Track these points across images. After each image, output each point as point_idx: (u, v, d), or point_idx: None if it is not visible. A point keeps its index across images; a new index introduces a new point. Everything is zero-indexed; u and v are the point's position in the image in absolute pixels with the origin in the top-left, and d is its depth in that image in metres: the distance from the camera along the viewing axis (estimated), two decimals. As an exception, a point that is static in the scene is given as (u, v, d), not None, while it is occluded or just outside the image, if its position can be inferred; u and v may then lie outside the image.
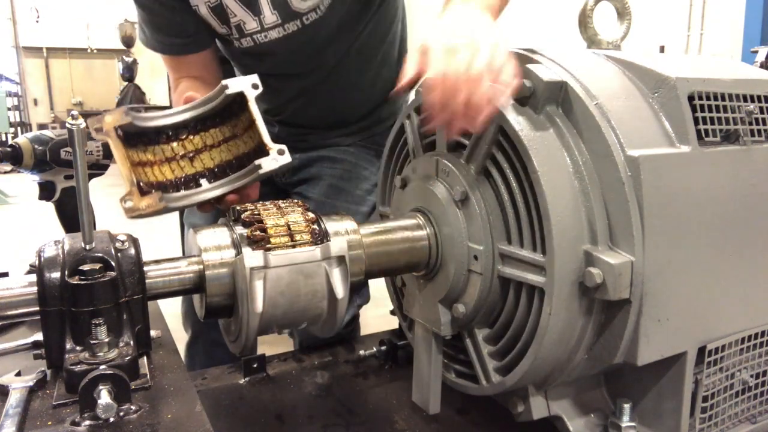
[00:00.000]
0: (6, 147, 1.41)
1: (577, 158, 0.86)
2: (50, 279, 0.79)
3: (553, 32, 7.54)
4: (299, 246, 0.89)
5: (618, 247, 0.82)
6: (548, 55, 0.94)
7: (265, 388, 1.21)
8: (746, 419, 1.00)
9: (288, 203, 0.96)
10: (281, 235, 0.88)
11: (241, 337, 0.90)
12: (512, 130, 0.87)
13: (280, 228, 0.89)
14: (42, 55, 15.78)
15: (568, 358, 0.89)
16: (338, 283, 0.89)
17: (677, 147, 0.87)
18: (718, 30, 6.33)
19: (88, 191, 0.83)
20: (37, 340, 1.00)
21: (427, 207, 1.03)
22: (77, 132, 0.78)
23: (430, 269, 1.03)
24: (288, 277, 0.87)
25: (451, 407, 1.11)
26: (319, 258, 0.88)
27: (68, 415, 0.74)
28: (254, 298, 0.84)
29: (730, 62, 1.11)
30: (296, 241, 0.89)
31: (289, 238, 0.89)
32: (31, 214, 5.97)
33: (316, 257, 0.88)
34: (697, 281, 0.88)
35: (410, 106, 1.14)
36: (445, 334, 1.01)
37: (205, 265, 0.87)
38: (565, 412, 0.95)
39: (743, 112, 0.92)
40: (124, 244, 0.85)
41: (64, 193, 1.47)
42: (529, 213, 0.87)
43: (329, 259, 0.89)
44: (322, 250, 0.89)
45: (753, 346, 0.97)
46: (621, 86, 0.92)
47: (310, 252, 0.88)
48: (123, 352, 0.80)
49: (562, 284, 0.82)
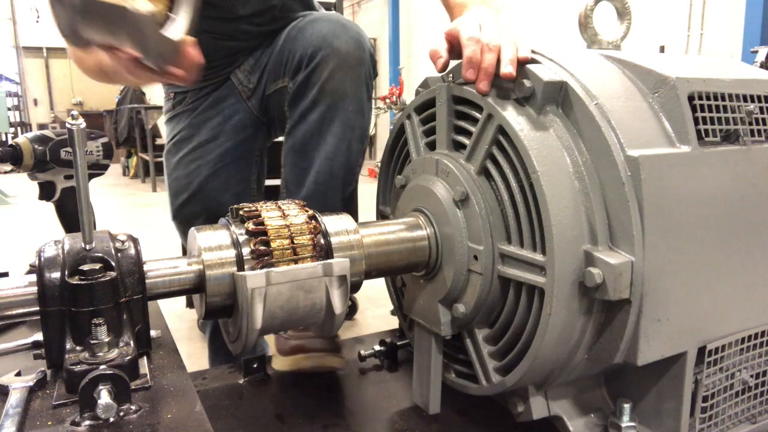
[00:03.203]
0: (6, 147, 1.41)
1: (577, 158, 0.86)
2: (50, 279, 0.79)
3: (553, 32, 7.54)
4: (301, 261, 0.89)
5: (618, 247, 0.82)
6: (548, 55, 0.94)
7: (265, 388, 1.21)
8: (746, 419, 1.00)
9: (288, 203, 0.96)
10: (284, 248, 0.89)
11: (240, 340, 0.90)
12: (512, 130, 0.87)
13: (284, 241, 0.89)
14: (42, 55, 15.80)
15: (568, 358, 0.89)
16: (337, 300, 0.90)
17: (677, 147, 0.87)
18: (718, 30, 6.34)
19: (88, 191, 0.83)
20: (37, 340, 1.00)
21: (427, 207, 1.03)
22: (77, 132, 0.78)
23: (430, 269, 1.03)
24: (288, 293, 0.87)
25: (451, 407, 1.11)
26: (321, 275, 0.89)
27: (68, 415, 0.74)
28: (254, 318, 0.85)
29: (730, 62, 1.11)
30: (299, 255, 0.89)
31: (292, 252, 0.89)
32: (31, 214, 5.98)
33: (318, 274, 0.88)
34: (697, 281, 0.88)
35: (410, 106, 1.14)
36: (445, 334, 1.01)
37: (205, 265, 0.87)
38: (565, 412, 0.95)
39: (743, 112, 0.92)
40: (124, 244, 0.85)
41: (64, 193, 1.48)
42: (529, 213, 0.87)
43: (330, 276, 0.89)
44: (324, 268, 0.89)
45: (753, 346, 0.97)
46: (621, 86, 0.92)
47: (312, 269, 0.88)
48: (123, 352, 0.80)
49: (562, 284, 0.82)
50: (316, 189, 1.32)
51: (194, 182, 1.57)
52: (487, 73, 0.93)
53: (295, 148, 1.35)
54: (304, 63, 1.31)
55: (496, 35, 0.95)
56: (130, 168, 10.91)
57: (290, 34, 1.43)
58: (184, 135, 1.59)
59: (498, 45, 0.94)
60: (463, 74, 0.96)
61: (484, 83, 0.94)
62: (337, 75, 1.28)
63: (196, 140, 1.57)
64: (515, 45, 0.94)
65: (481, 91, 0.93)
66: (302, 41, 1.34)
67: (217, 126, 1.56)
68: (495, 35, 0.95)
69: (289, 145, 1.37)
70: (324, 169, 1.31)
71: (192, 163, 1.57)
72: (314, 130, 1.31)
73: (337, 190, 1.34)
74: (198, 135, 1.57)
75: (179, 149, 1.59)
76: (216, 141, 1.56)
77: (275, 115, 1.57)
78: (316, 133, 1.31)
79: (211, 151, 1.56)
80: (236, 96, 1.56)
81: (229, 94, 1.56)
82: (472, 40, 0.96)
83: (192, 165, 1.57)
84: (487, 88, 0.93)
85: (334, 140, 1.31)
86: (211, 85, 1.56)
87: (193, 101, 1.59)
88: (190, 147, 1.57)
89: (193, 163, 1.57)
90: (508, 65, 0.91)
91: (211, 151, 1.56)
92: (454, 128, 1.02)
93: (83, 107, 15.29)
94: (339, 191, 1.35)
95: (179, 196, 1.60)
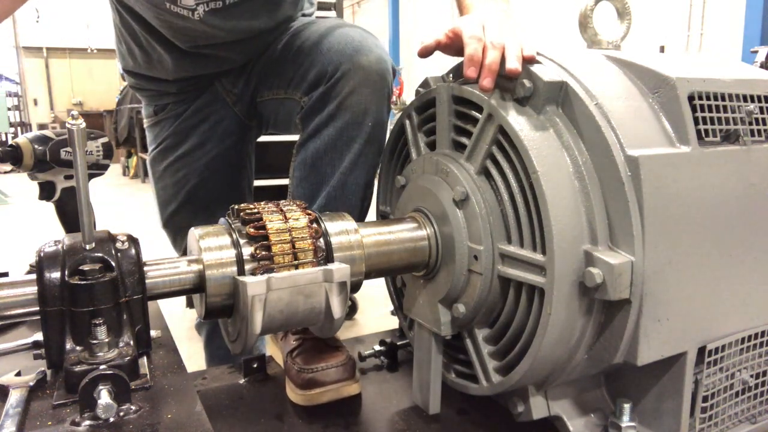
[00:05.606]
0: (6, 147, 1.41)
1: (577, 158, 0.86)
2: (50, 279, 0.79)
3: (554, 32, 7.54)
4: (302, 266, 0.89)
5: (618, 247, 0.82)
6: (548, 55, 0.94)
7: (265, 388, 1.21)
8: (746, 419, 1.00)
9: (289, 204, 0.96)
10: (285, 253, 0.88)
11: (240, 341, 0.90)
12: (512, 130, 0.87)
13: (285, 245, 0.89)
14: (42, 55, 15.81)
15: (568, 358, 0.89)
16: (337, 305, 0.90)
17: (677, 147, 0.87)
18: (718, 30, 6.34)
19: (88, 191, 0.83)
20: (37, 340, 1.00)
21: (427, 207, 1.03)
22: (77, 132, 0.78)
23: (430, 269, 1.03)
24: (288, 298, 0.87)
25: (451, 407, 1.11)
26: (321, 280, 0.88)
27: (68, 415, 0.74)
28: (254, 323, 0.85)
29: (730, 62, 1.11)
30: (299, 261, 0.89)
31: (293, 256, 0.89)
32: (31, 214, 5.98)
33: (318, 279, 0.88)
34: (697, 281, 0.88)
35: (410, 106, 1.14)
36: (445, 334, 1.01)
37: (205, 265, 0.87)
38: (565, 412, 0.95)
39: (743, 112, 0.92)
40: (124, 244, 0.85)
41: (64, 193, 1.48)
42: (529, 213, 0.87)
43: (331, 282, 0.89)
44: (324, 274, 0.89)
45: (753, 346, 0.97)
46: (621, 86, 0.92)
47: (312, 274, 0.88)
48: (123, 352, 0.80)
49: (562, 284, 0.82)
50: (327, 204, 1.26)
51: (182, 191, 1.54)
52: (491, 70, 0.92)
53: (306, 161, 1.29)
54: (325, 78, 1.26)
55: (500, 33, 0.94)
56: (130, 168, 10.92)
57: (293, 43, 1.38)
58: (169, 143, 1.55)
59: (502, 43, 0.93)
60: (464, 72, 0.94)
61: (487, 80, 0.92)
62: (360, 90, 1.23)
63: (182, 148, 1.53)
64: (520, 44, 0.93)
65: (484, 88, 0.92)
66: (318, 55, 1.29)
67: (204, 133, 1.52)
68: (499, 33, 0.95)
69: (301, 159, 1.30)
70: (338, 185, 1.27)
71: (179, 171, 1.54)
72: (329, 145, 1.26)
73: (354, 207, 1.28)
74: (184, 143, 1.53)
75: (165, 157, 1.55)
76: (203, 149, 1.53)
77: (269, 122, 1.53)
78: (331, 148, 1.26)
79: (198, 159, 1.53)
80: (221, 101, 1.52)
81: (214, 99, 1.52)
82: (473, 38, 0.95)
83: (179, 173, 1.54)
84: (491, 86, 0.92)
85: (352, 156, 1.26)
86: (194, 92, 1.52)
87: (177, 108, 1.54)
88: (176, 155, 1.53)
89: (180, 172, 1.54)
90: (514, 61, 0.90)
91: (199, 159, 1.53)
92: (454, 128, 1.02)
93: (83, 107, 15.30)
94: (355, 207, 1.29)
95: (168, 206, 1.57)
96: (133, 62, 1.49)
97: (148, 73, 1.49)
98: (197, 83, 1.50)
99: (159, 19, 1.31)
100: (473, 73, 0.94)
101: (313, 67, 1.29)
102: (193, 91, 1.52)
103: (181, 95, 1.52)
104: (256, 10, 1.35)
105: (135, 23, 1.39)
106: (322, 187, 1.28)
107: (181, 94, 1.52)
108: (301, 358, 1.15)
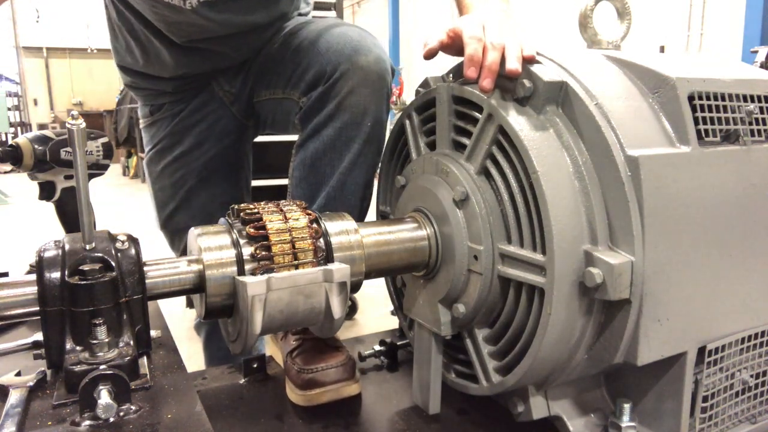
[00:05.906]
0: (6, 147, 1.41)
1: (577, 158, 0.86)
2: (50, 279, 0.79)
3: (554, 32, 7.54)
4: (302, 266, 0.89)
5: (618, 247, 0.82)
6: (548, 55, 0.94)
7: (264, 389, 1.21)
8: (746, 419, 1.00)
9: (289, 204, 0.96)
10: (285, 253, 0.88)
11: (240, 341, 0.90)
12: (512, 130, 0.87)
13: (285, 245, 0.89)
14: (42, 55, 15.82)
15: (568, 358, 0.89)
16: (337, 306, 0.90)
17: (677, 147, 0.87)
18: (718, 30, 6.34)
19: (88, 191, 0.83)
20: (37, 340, 1.00)
21: (427, 207, 1.03)
22: (77, 132, 0.78)
23: (430, 269, 1.03)
24: (288, 298, 0.87)
25: (451, 407, 1.11)
26: (321, 280, 0.89)
27: (68, 415, 0.74)
28: (254, 323, 0.85)
29: (730, 62, 1.11)
30: (299, 261, 0.89)
31: (293, 257, 0.89)
32: (31, 214, 5.98)
33: (318, 280, 0.88)
34: (697, 281, 0.88)
35: (410, 106, 1.14)
36: (445, 334, 1.01)
37: (205, 265, 0.87)
38: (565, 412, 0.95)
39: (743, 112, 0.92)
40: (124, 244, 0.85)
41: (64, 193, 1.48)
42: (529, 213, 0.87)
43: (331, 283, 0.89)
44: (324, 274, 0.89)
45: (753, 346, 0.97)
46: (621, 86, 0.92)
47: (312, 274, 0.88)
48: (123, 352, 0.80)
49: (562, 284, 0.82)
50: (327, 204, 1.26)
51: (180, 192, 1.53)
52: (491, 70, 0.92)
53: (306, 162, 1.29)
54: (324, 78, 1.25)
55: (500, 34, 0.94)
56: (130, 168, 10.92)
57: (291, 42, 1.38)
58: (166, 144, 1.54)
59: (502, 44, 0.93)
60: (464, 72, 0.94)
61: (487, 81, 0.92)
62: (359, 90, 1.23)
63: (179, 149, 1.52)
64: (520, 44, 0.93)
65: (484, 89, 0.92)
66: (316, 55, 1.29)
67: (201, 133, 1.52)
68: (499, 34, 0.94)
69: (300, 159, 1.30)
70: (338, 185, 1.27)
71: (177, 172, 1.53)
72: (328, 145, 1.26)
73: (353, 207, 1.28)
74: (181, 143, 1.52)
75: (162, 158, 1.54)
76: (200, 149, 1.52)
77: (266, 122, 1.52)
78: (330, 148, 1.26)
79: (196, 159, 1.52)
80: (218, 101, 1.51)
81: (211, 99, 1.51)
82: (473, 38, 0.95)
83: (177, 174, 1.53)
84: (491, 86, 0.92)
85: (351, 156, 1.26)
86: (190, 91, 1.51)
87: (173, 108, 1.53)
88: (173, 156, 1.53)
89: (177, 172, 1.53)
90: (514, 61, 0.90)
91: (197, 159, 1.52)
92: (454, 128, 1.02)
93: (83, 107, 15.31)
94: (355, 208, 1.28)
95: (166, 207, 1.56)
96: (130, 59, 1.48)
97: (146, 70, 1.48)
98: (194, 82, 1.50)
99: (153, 12, 1.31)
100: (473, 74, 0.94)
101: (312, 66, 1.29)
102: (190, 90, 1.51)
103: (177, 94, 1.52)
104: (251, 4, 1.35)
105: (133, 17, 1.39)
106: (321, 187, 1.28)
107: (178, 94, 1.51)
108: (301, 358, 1.15)
